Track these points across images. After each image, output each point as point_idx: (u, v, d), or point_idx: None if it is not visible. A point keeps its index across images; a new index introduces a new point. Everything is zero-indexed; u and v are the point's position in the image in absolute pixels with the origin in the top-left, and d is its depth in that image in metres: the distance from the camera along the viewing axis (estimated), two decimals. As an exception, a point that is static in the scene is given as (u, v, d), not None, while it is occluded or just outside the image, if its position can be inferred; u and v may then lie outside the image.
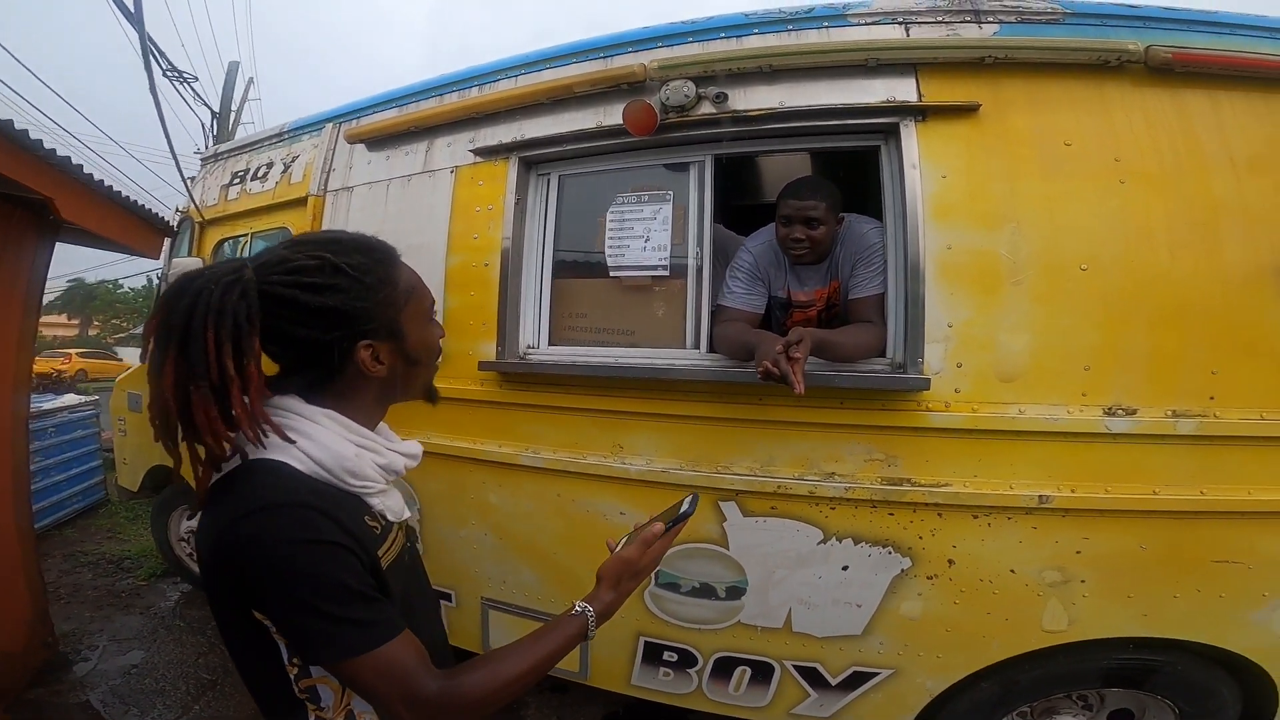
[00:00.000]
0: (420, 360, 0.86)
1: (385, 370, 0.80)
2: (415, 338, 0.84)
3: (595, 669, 1.96)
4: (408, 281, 0.84)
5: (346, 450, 0.77)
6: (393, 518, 0.85)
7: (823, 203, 1.73)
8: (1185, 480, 1.47)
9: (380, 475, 0.82)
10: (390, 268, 0.82)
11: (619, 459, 1.78)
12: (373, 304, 0.78)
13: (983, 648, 1.60)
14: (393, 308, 0.80)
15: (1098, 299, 1.49)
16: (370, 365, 0.79)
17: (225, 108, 9.28)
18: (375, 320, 0.78)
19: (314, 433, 0.76)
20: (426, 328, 0.87)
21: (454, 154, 2.09)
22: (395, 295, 0.81)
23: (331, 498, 0.74)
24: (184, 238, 3.14)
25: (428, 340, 0.87)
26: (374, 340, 0.79)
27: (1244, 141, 1.50)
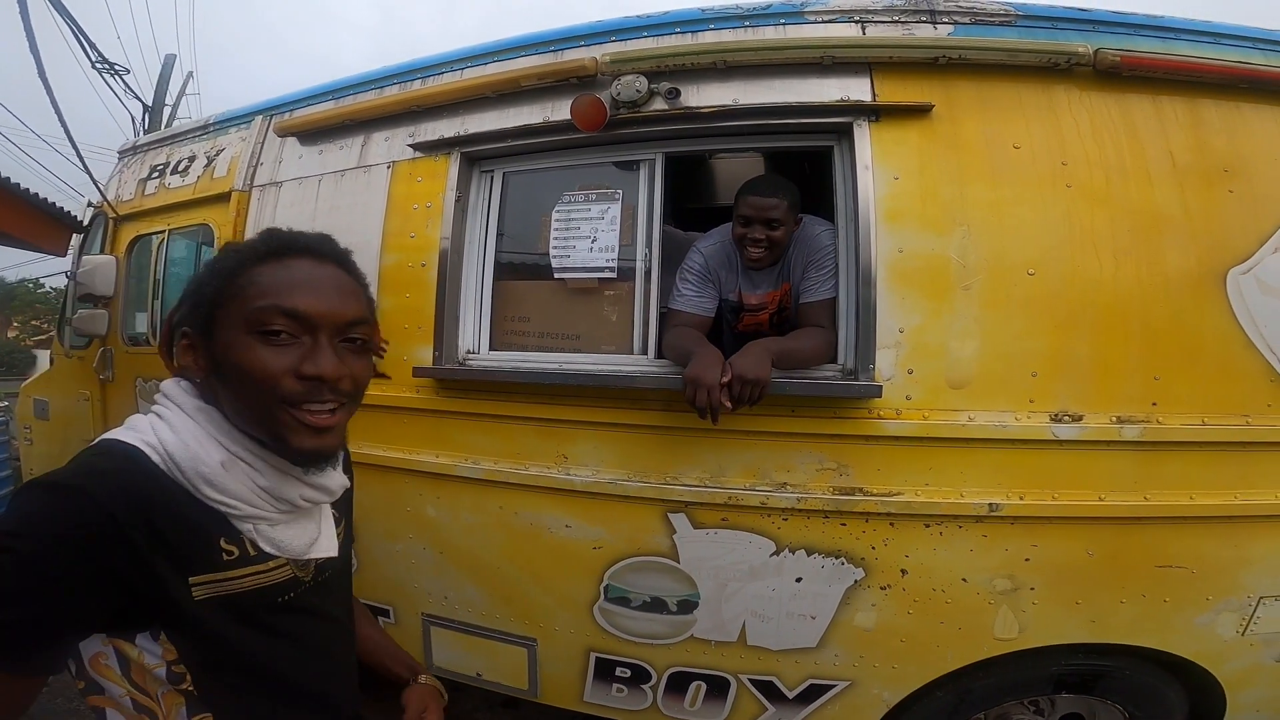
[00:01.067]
0: (225, 374, 0.66)
1: (199, 372, 0.69)
2: (223, 345, 0.66)
3: (545, 686, 1.88)
4: (254, 277, 0.67)
5: (208, 454, 0.66)
6: (271, 549, 0.70)
7: (784, 202, 1.69)
8: (1130, 486, 1.47)
9: (263, 500, 0.69)
10: (252, 257, 0.68)
11: (564, 470, 1.70)
12: (203, 291, 0.69)
13: (937, 657, 1.59)
14: (215, 299, 0.68)
15: (1044, 304, 1.48)
16: (181, 356, 0.70)
17: (159, 102, 8.81)
18: (198, 309, 0.69)
19: (178, 424, 0.67)
20: (242, 338, 0.65)
21: (391, 149, 1.98)
22: (225, 285, 0.67)
23: (164, 502, 0.63)
24: (97, 234, 2.92)
25: (236, 353, 0.65)
26: (190, 329, 0.69)
27: (1185, 147, 1.52)
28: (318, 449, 0.69)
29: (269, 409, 0.66)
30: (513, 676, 1.90)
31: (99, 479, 0.61)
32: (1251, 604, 1.51)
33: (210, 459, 0.66)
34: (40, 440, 3.13)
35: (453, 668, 1.97)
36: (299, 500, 0.73)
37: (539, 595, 1.79)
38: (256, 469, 0.70)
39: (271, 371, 0.65)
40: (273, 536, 0.71)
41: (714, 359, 1.44)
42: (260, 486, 0.69)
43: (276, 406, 0.66)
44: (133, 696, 0.67)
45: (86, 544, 0.59)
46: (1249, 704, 1.64)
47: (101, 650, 0.67)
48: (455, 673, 1.98)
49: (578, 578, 1.72)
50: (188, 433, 0.67)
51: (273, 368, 0.65)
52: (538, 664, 1.85)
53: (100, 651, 0.67)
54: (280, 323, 0.66)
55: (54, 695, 2.43)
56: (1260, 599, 1.51)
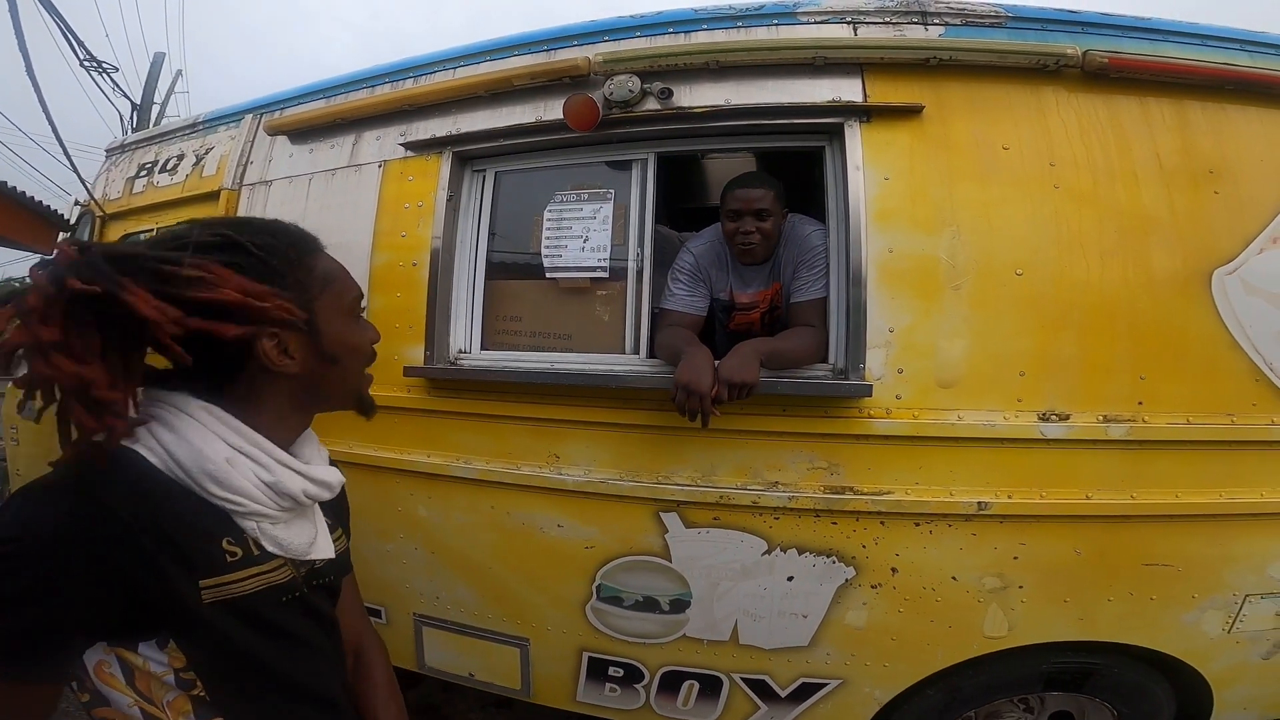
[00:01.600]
0: (339, 359, 0.75)
1: (297, 366, 0.70)
2: (333, 332, 0.73)
3: (538, 686, 1.88)
4: (326, 270, 0.75)
5: (213, 451, 0.66)
6: (273, 549, 0.71)
7: (770, 192, 1.70)
8: (1116, 485, 1.48)
9: (266, 495, 0.70)
10: (305, 252, 0.73)
11: (555, 469, 1.70)
12: (280, 288, 0.69)
13: (928, 655, 1.59)
14: (304, 295, 0.71)
15: (1032, 304, 1.49)
16: (275, 358, 0.68)
17: (147, 100, 8.73)
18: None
19: (178, 424, 0.66)
20: (349, 324, 0.76)
21: (383, 148, 1.97)
22: (308, 281, 0.72)
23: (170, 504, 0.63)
24: (83, 232, 2.89)
25: (349, 338, 0.76)
26: (279, 330, 0.68)
27: (1172, 148, 1.53)
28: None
29: (361, 376, 0.79)
30: (505, 677, 1.89)
31: (101, 480, 0.60)
32: (1237, 602, 1.53)
33: (216, 455, 0.66)
34: (26, 441, 3.08)
35: (445, 668, 1.96)
36: (301, 496, 0.74)
37: (531, 595, 1.78)
38: (262, 464, 0.70)
39: (368, 344, 0.79)
40: (275, 535, 0.71)
41: (705, 361, 1.45)
42: (265, 482, 0.70)
43: (364, 373, 0.80)
44: (140, 706, 0.67)
45: (93, 544, 0.58)
46: (1236, 702, 1.65)
47: (104, 659, 0.66)
48: (448, 673, 1.97)
49: (570, 577, 1.72)
50: (190, 431, 0.66)
51: (367, 340, 0.79)
52: (530, 664, 1.85)
53: (103, 660, 0.66)
54: (361, 303, 0.80)
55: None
56: (1246, 597, 1.53)
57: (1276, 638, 1.58)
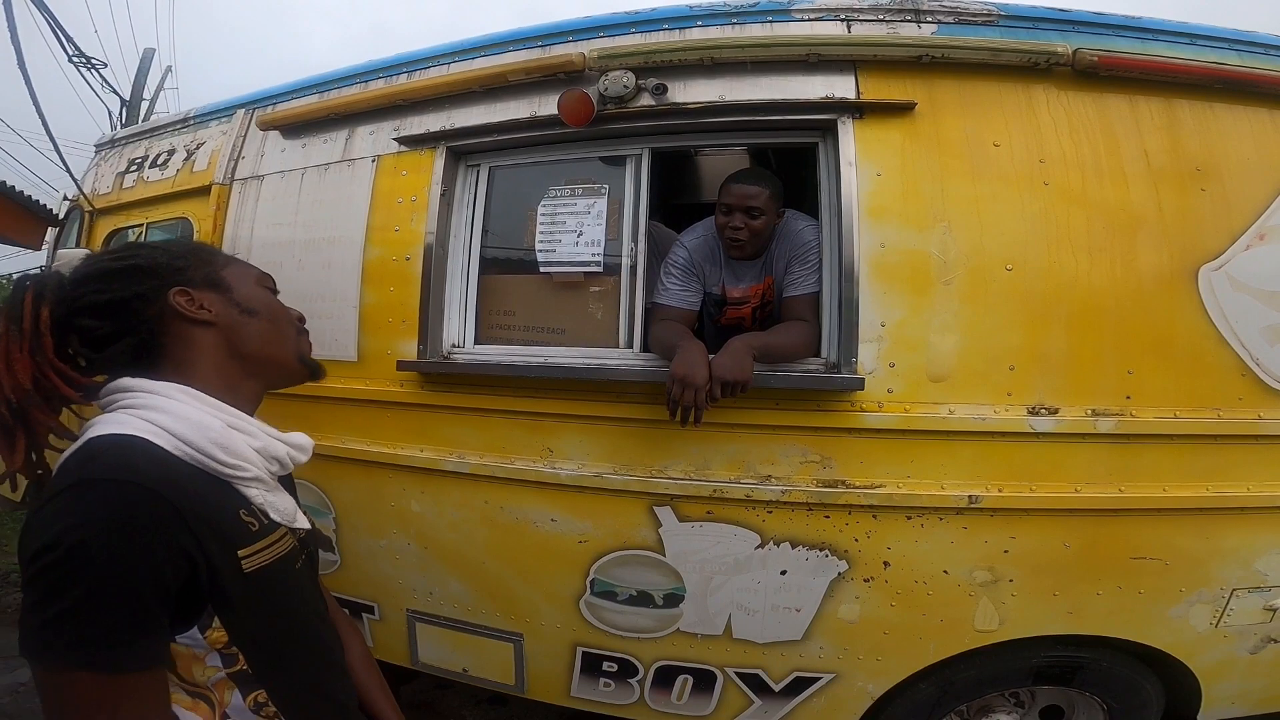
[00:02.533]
0: (257, 311, 0.80)
1: (214, 317, 0.76)
2: (244, 290, 0.81)
3: (532, 682, 1.88)
4: (222, 256, 0.84)
5: (211, 422, 0.70)
6: (277, 518, 0.75)
7: (765, 191, 1.70)
8: (1104, 478, 1.50)
9: (259, 460, 0.74)
10: (192, 247, 0.83)
11: (549, 464, 1.70)
12: (182, 261, 0.78)
13: (920, 649, 1.61)
14: (207, 265, 0.80)
15: (1022, 299, 1.50)
16: (190, 309, 0.74)
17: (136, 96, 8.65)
18: (187, 272, 0.77)
19: (168, 406, 0.68)
20: (260, 290, 0.83)
21: (376, 143, 1.96)
22: (208, 255, 0.82)
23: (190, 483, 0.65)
24: (72, 228, 2.87)
25: (263, 297, 0.83)
26: (190, 287, 0.75)
27: (1160, 146, 1.54)
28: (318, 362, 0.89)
29: (292, 336, 0.84)
30: (499, 672, 1.89)
31: (133, 468, 0.62)
32: (1224, 596, 1.55)
33: (214, 425, 0.70)
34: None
35: (439, 664, 1.96)
36: (286, 459, 0.79)
37: (525, 590, 1.78)
38: (247, 432, 0.74)
39: (285, 309, 0.85)
40: (274, 503, 0.76)
41: (700, 355, 1.45)
42: (254, 448, 0.74)
43: (295, 334, 0.85)
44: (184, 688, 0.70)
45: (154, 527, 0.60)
46: (1224, 696, 1.67)
47: None
48: (441, 669, 1.97)
49: (564, 572, 1.72)
50: (183, 410, 0.69)
51: (283, 307, 0.85)
52: (524, 659, 1.84)
53: None
54: (270, 284, 0.87)
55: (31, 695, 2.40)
56: (1233, 591, 1.54)
57: (1264, 632, 1.60)
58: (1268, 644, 1.62)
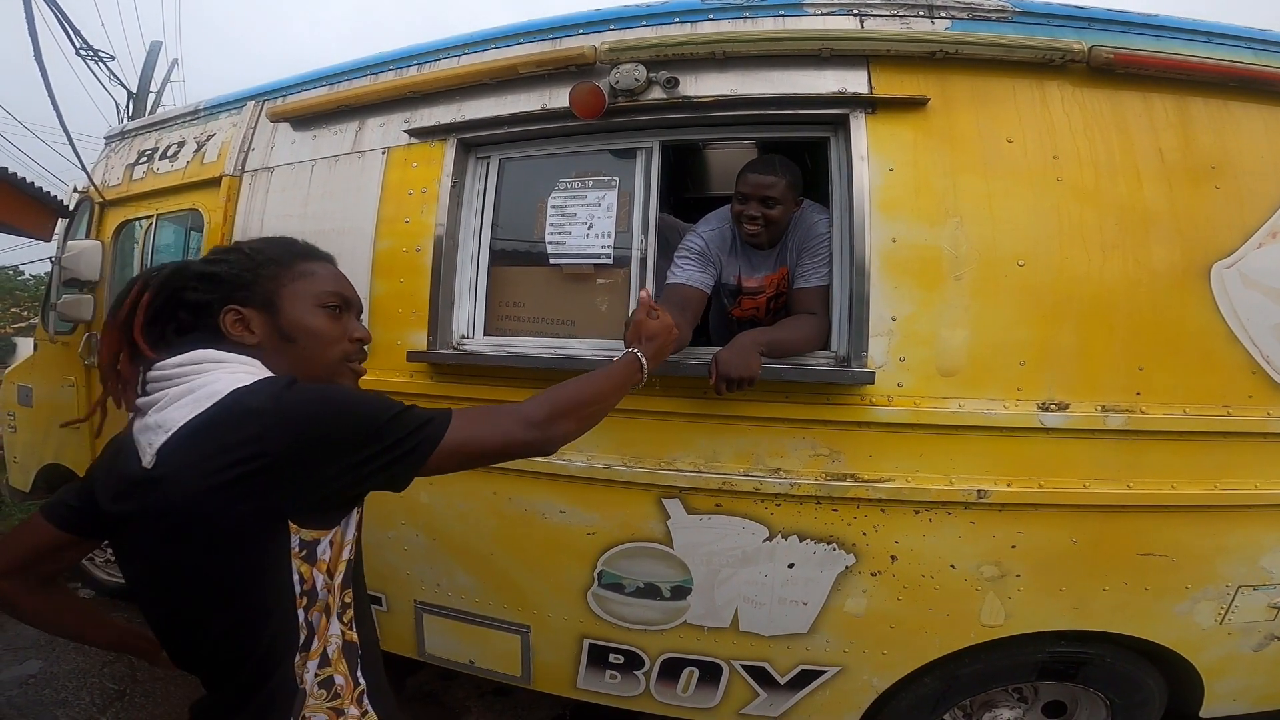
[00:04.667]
0: (296, 339, 0.84)
1: (256, 340, 0.82)
2: (293, 314, 0.84)
3: (538, 673, 1.89)
4: (307, 268, 0.87)
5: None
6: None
7: (782, 180, 1.70)
8: (1113, 474, 1.50)
9: None
10: (288, 253, 0.88)
11: (557, 455, 1.69)
12: (252, 275, 0.83)
13: (925, 643, 1.61)
14: (272, 281, 0.84)
15: (1033, 295, 1.50)
16: (233, 329, 0.81)
17: (143, 88, 8.65)
18: (250, 289, 0.83)
19: (252, 370, 0.78)
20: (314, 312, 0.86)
21: (386, 135, 1.97)
22: (278, 271, 0.85)
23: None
24: (82, 219, 2.88)
25: (311, 323, 0.85)
26: (243, 306, 0.81)
27: (1174, 143, 1.54)
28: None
29: (334, 361, 0.88)
30: (505, 664, 1.90)
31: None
32: (1230, 593, 1.55)
33: None
34: (24, 428, 3.07)
35: (445, 655, 1.97)
36: None
37: (532, 582, 1.79)
38: None
39: (337, 333, 0.88)
40: None
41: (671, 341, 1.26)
42: None
43: (337, 360, 0.88)
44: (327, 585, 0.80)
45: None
46: (1226, 693, 1.68)
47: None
48: (448, 660, 1.98)
49: (571, 564, 1.73)
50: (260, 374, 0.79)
51: (337, 331, 0.88)
52: (531, 651, 1.85)
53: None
54: (337, 301, 0.89)
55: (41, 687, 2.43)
56: (1238, 588, 1.55)
57: (1268, 629, 1.60)
58: (1271, 641, 1.62)
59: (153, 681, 2.45)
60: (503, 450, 0.86)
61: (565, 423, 0.92)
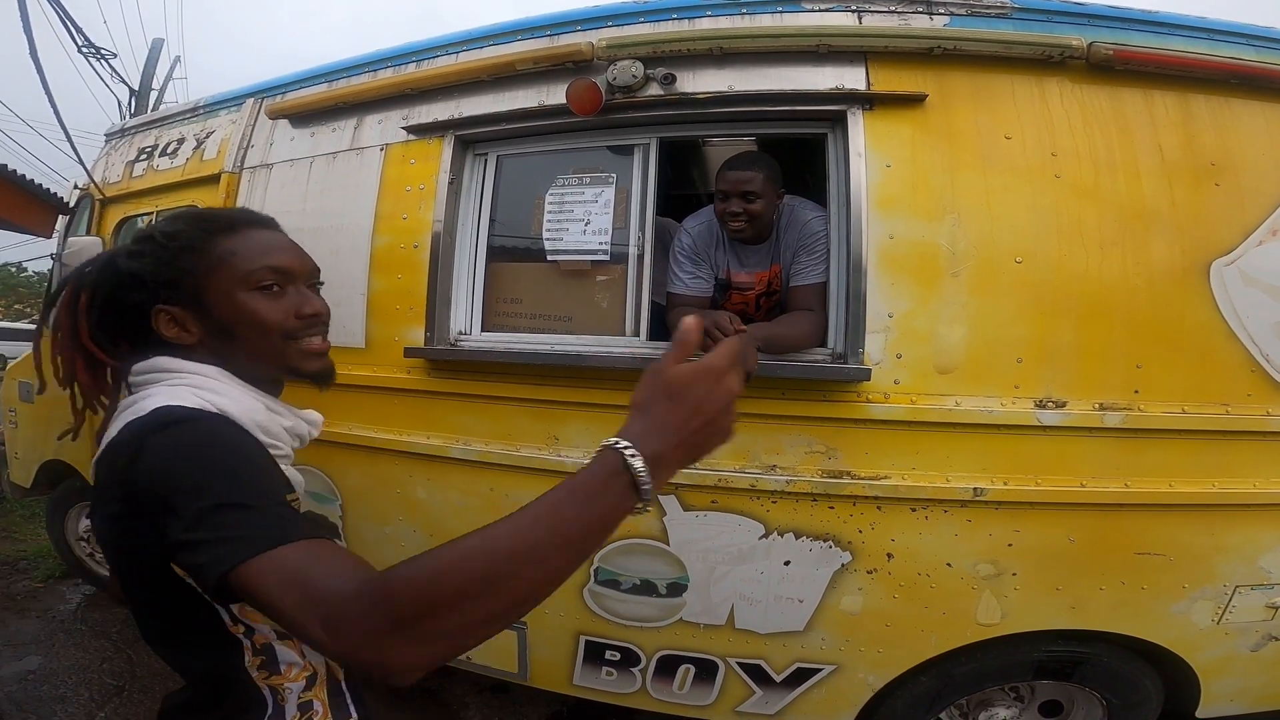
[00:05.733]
0: (233, 332, 0.76)
1: (193, 339, 0.76)
2: (224, 306, 0.75)
3: (535, 669, 1.89)
4: (229, 248, 0.76)
5: (254, 404, 0.75)
6: (298, 490, 0.79)
7: (759, 174, 1.70)
8: (1111, 473, 1.50)
9: (289, 438, 0.79)
10: (208, 235, 0.77)
11: (554, 451, 1.71)
12: (171, 270, 0.76)
13: (921, 642, 1.61)
14: (192, 274, 0.75)
15: (1031, 292, 1.50)
16: (168, 331, 0.75)
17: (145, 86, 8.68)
18: (176, 286, 0.75)
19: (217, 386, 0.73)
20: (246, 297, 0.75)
21: (385, 131, 1.97)
22: (199, 260, 0.76)
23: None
24: (83, 216, 2.89)
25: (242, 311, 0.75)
26: (172, 306, 0.75)
27: (1174, 140, 1.53)
28: (325, 368, 0.83)
29: (280, 347, 0.78)
30: (502, 660, 1.90)
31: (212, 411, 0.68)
32: (1227, 593, 1.54)
33: (257, 407, 0.75)
34: (25, 424, 3.08)
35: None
36: (306, 435, 0.84)
37: (528, 578, 1.79)
38: (279, 412, 0.79)
39: (277, 316, 0.77)
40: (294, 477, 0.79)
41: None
42: (284, 427, 0.78)
43: (284, 343, 0.78)
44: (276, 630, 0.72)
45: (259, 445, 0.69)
46: (1223, 693, 1.67)
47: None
48: (443, 656, 1.98)
49: (567, 560, 1.73)
50: (229, 390, 0.73)
51: (277, 313, 0.77)
52: (527, 647, 1.86)
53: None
54: (271, 278, 0.78)
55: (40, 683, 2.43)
56: (1236, 588, 1.54)
57: (1265, 629, 1.60)
58: (1269, 641, 1.61)
59: (151, 677, 2.46)
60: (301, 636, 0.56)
61: (425, 640, 0.48)
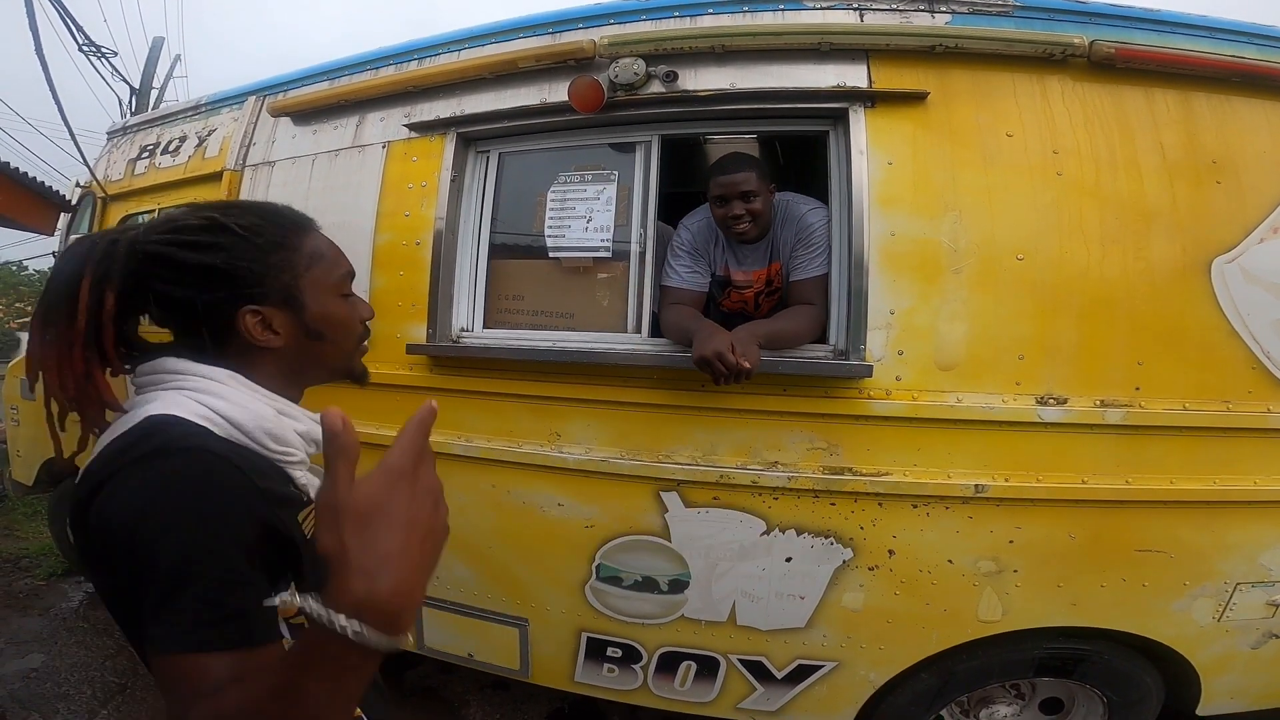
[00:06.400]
0: (324, 335, 0.77)
1: (281, 342, 0.73)
2: (317, 308, 0.75)
3: (536, 666, 1.89)
4: (314, 248, 0.77)
5: (265, 410, 0.71)
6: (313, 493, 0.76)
7: (752, 173, 1.70)
8: (1112, 470, 1.50)
9: (303, 443, 0.76)
10: (291, 232, 0.76)
11: (556, 448, 1.71)
12: (263, 266, 0.72)
13: (923, 639, 1.61)
14: (288, 272, 0.73)
15: (1032, 289, 1.50)
16: (257, 333, 0.71)
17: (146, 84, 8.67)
18: (265, 285, 0.72)
19: (223, 391, 0.69)
20: (336, 301, 0.78)
21: (387, 129, 1.97)
22: (292, 259, 0.74)
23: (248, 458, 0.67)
24: (85, 214, 2.90)
25: (335, 314, 0.78)
26: (262, 306, 0.71)
27: (1176, 138, 1.53)
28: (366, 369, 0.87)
29: (351, 352, 0.82)
30: (504, 657, 1.91)
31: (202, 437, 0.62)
32: (1228, 590, 1.55)
33: (267, 413, 0.71)
34: (27, 421, 3.09)
35: (444, 649, 1.97)
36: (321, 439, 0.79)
37: (531, 575, 1.80)
38: (294, 416, 0.76)
39: (355, 321, 0.81)
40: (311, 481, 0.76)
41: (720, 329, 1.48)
42: (298, 432, 0.75)
43: (355, 348, 0.82)
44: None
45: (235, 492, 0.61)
46: (1224, 690, 1.67)
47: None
48: (447, 654, 1.99)
49: (570, 557, 1.73)
50: (236, 396, 0.69)
51: (354, 318, 0.81)
52: (529, 644, 1.86)
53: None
54: (349, 284, 0.81)
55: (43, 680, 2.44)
56: (1237, 585, 1.54)
57: (1266, 627, 1.60)
58: (1269, 639, 1.61)
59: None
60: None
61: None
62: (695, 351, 1.44)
